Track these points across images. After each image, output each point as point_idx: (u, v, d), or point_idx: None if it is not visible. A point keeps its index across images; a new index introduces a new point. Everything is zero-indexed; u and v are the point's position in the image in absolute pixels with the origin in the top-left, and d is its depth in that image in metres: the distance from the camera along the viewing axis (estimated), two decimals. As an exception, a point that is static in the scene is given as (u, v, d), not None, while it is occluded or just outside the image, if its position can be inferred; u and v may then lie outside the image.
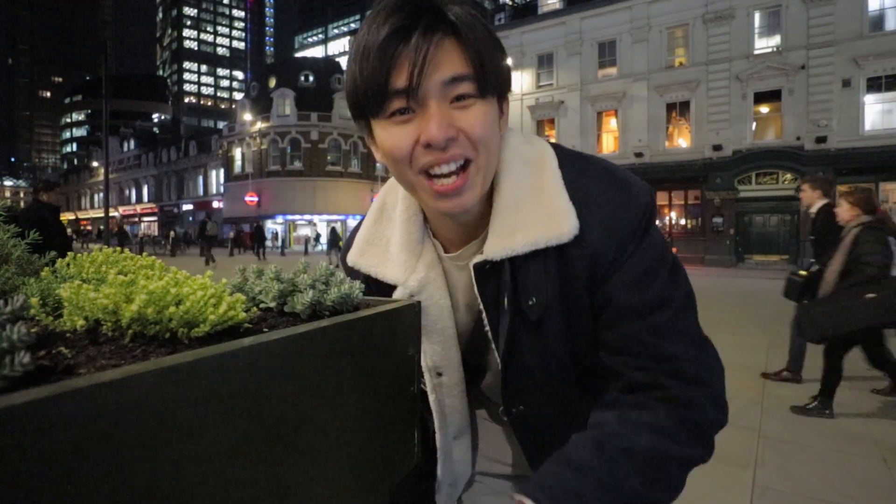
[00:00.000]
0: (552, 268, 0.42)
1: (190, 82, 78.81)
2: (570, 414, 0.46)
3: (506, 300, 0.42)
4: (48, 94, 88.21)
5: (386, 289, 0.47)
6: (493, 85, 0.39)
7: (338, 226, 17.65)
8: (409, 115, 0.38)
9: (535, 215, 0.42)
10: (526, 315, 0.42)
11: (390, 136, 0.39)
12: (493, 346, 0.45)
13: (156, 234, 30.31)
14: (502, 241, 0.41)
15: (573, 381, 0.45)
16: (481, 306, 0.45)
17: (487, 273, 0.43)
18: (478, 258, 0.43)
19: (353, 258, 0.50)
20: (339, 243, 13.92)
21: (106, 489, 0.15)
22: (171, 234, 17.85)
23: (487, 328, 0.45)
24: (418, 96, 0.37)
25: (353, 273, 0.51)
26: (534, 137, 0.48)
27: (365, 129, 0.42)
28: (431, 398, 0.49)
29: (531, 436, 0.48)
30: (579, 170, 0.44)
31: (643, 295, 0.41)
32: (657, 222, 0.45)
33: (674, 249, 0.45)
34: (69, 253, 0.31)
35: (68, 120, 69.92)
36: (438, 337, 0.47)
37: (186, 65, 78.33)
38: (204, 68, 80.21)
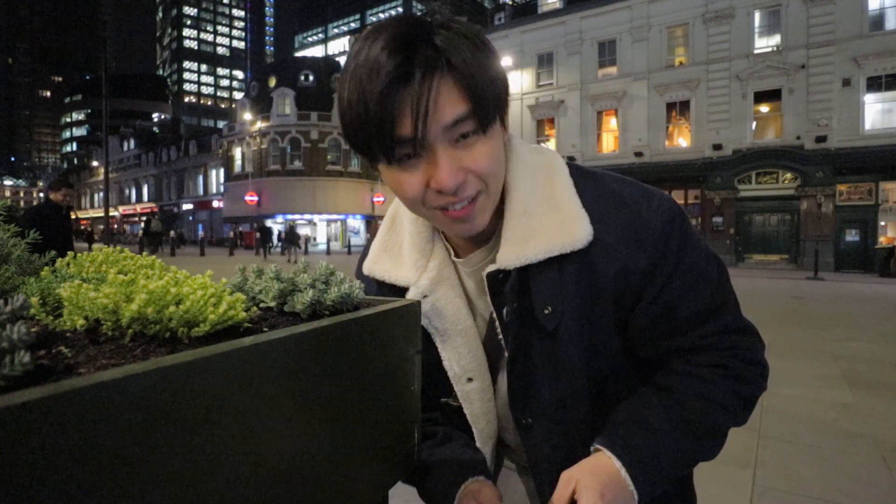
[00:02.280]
0: (572, 275, 0.41)
1: (190, 82, 78.76)
2: (577, 433, 0.44)
3: (514, 308, 0.42)
4: (48, 93, 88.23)
5: (400, 293, 0.46)
6: (493, 114, 0.38)
7: (295, 224, 17.40)
8: (416, 160, 0.38)
9: (548, 222, 0.41)
10: (540, 324, 0.41)
11: (399, 182, 0.39)
12: (506, 354, 0.44)
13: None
14: (515, 250, 0.41)
15: (584, 391, 0.44)
16: (494, 315, 0.44)
17: (500, 282, 0.42)
18: (491, 267, 0.42)
19: (368, 266, 0.50)
20: (297, 241, 13.52)
21: (106, 488, 0.15)
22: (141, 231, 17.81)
23: (501, 337, 0.44)
24: (425, 144, 0.36)
25: (367, 281, 0.50)
26: (542, 147, 0.48)
27: (370, 164, 0.41)
28: (468, 411, 0.46)
29: (540, 454, 0.45)
30: (594, 181, 0.44)
31: (698, 301, 0.42)
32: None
33: None
34: (69, 252, 0.31)
35: (68, 119, 69.97)
36: (462, 339, 0.45)
37: (186, 64, 78.29)
38: (204, 68, 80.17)
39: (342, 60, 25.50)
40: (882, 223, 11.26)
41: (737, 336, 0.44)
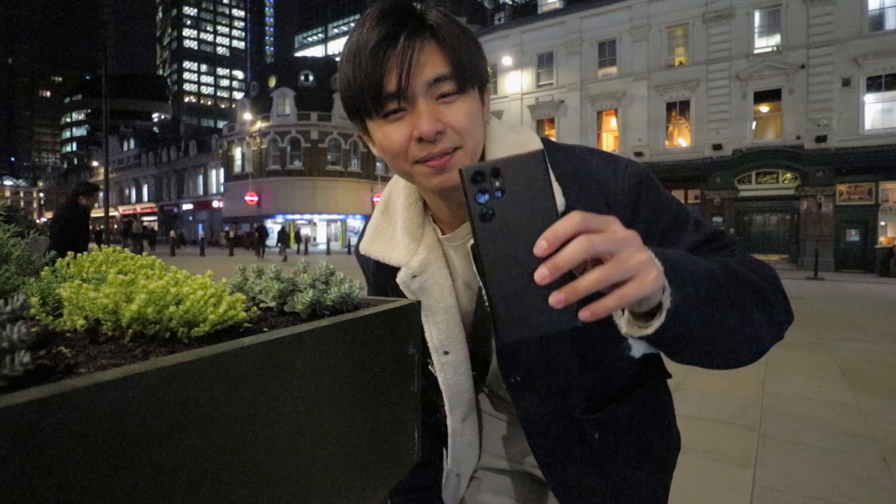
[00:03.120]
0: None
1: (190, 82, 78.72)
2: (567, 385, 0.48)
3: None
4: (48, 93, 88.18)
5: (393, 272, 0.51)
6: (471, 79, 0.43)
7: (288, 226, 17.67)
8: (401, 114, 0.42)
9: None
10: None
11: (386, 135, 0.43)
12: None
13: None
14: None
15: (570, 351, 0.47)
16: (480, 283, 0.47)
17: None
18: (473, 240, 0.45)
19: (364, 246, 0.54)
20: (288, 241, 14.21)
21: (106, 488, 0.15)
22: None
23: (488, 305, 0.45)
24: (408, 96, 0.41)
25: (364, 260, 0.56)
26: (520, 127, 0.51)
27: (360, 127, 0.46)
28: (441, 379, 0.51)
29: (530, 407, 0.49)
30: (564, 152, 0.48)
31: (687, 239, 0.44)
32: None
33: None
34: (69, 253, 0.31)
35: (68, 119, 69.91)
36: (443, 315, 0.49)
37: (186, 64, 78.25)
38: (204, 68, 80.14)
39: (342, 60, 25.87)
40: (882, 223, 11.26)
41: (748, 255, 0.45)
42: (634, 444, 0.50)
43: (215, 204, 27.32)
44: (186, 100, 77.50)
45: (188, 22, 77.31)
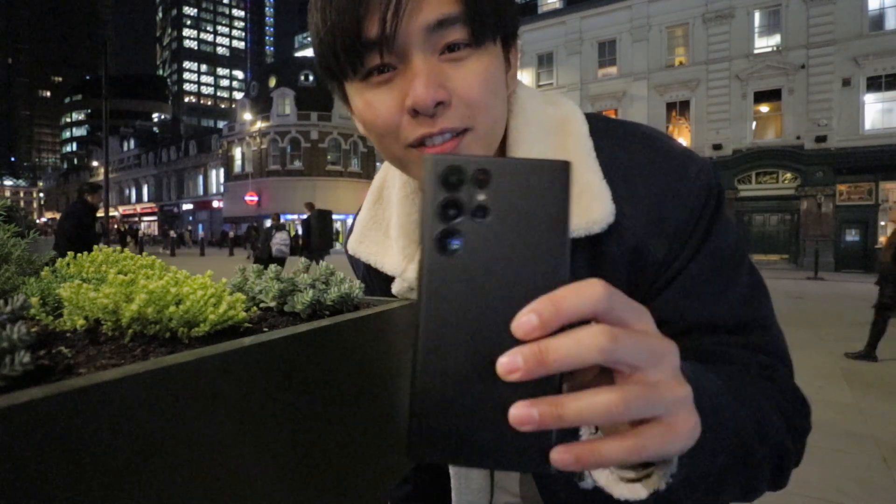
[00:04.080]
0: (584, 263, 0.33)
1: (190, 82, 78.77)
2: None
3: None
4: (48, 93, 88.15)
5: (387, 280, 0.41)
6: (493, 27, 0.30)
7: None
8: (389, 74, 0.29)
9: None
10: None
11: (367, 104, 0.30)
12: None
13: (155, 233, 30.42)
14: None
15: None
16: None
17: None
18: None
19: (353, 246, 0.43)
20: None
21: (105, 488, 0.15)
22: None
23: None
24: (396, 47, 0.28)
25: (354, 262, 0.46)
26: (558, 97, 0.38)
27: (338, 93, 0.33)
28: None
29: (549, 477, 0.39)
30: (618, 139, 0.34)
31: (719, 307, 0.31)
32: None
33: None
34: (69, 253, 0.31)
35: (68, 119, 70.06)
36: None
37: (186, 64, 78.32)
38: (204, 68, 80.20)
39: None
40: (882, 223, 11.26)
41: (769, 359, 0.32)
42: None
43: (215, 204, 27.37)
44: (186, 100, 77.52)
45: (188, 22, 77.36)
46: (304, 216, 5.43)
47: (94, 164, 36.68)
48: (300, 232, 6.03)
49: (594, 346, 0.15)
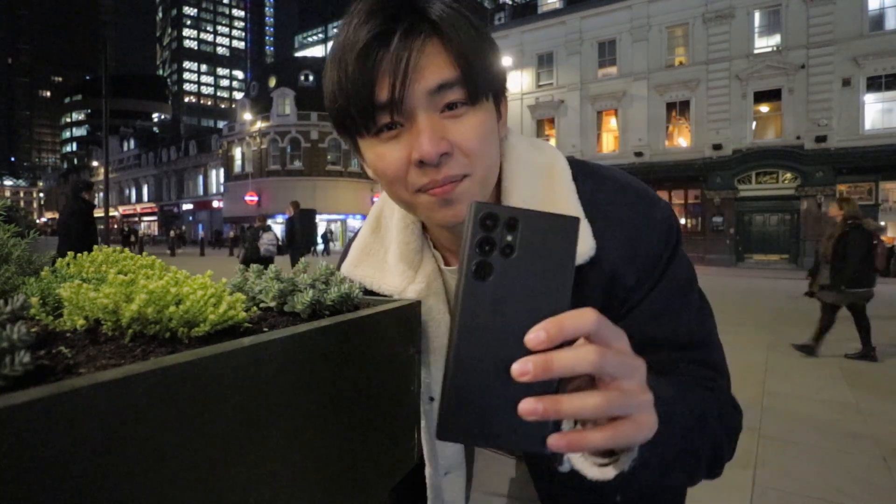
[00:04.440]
0: None
1: (190, 82, 78.70)
2: None
3: None
4: (48, 93, 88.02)
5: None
6: (485, 88, 0.35)
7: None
8: (397, 131, 0.34)
9: None
10: None
11: (379, 156, 0.35)
12: None
13: (155, 233, 30.40)
14: None
15: None
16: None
17: None
18: None
19: (347, 269, 0.46)
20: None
21: (106, 489, 0.15)
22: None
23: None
24: (404, 109, 0.33)
25: None
26: (543, 144, 0.44)
27: (351, 146, 0.39)
28: (422, 426, 0.43)
29: (540, 468, 0.41)
30: (596, 183, 0.40)
31: (676, 326, 0.38)
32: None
33: None
34: (70, 253, 0.31)
35: (68, 119, 69.93)
36: (435, 356, 0.42)
37: (186, 64, 78.24)
38: (204, 68, 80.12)
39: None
40: (882, 223, 11.26)
41: (711, 372, 0.39)
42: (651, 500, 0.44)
43: (215, 204, 27.31)
44: (186, 100, 77.45)
45: (188, 22, 77.27)
46: (288, 216, 5.69)
47: (94, 164, 36.61)
48: (282, 231, 6.33)
49: (587, 360, 0.21)
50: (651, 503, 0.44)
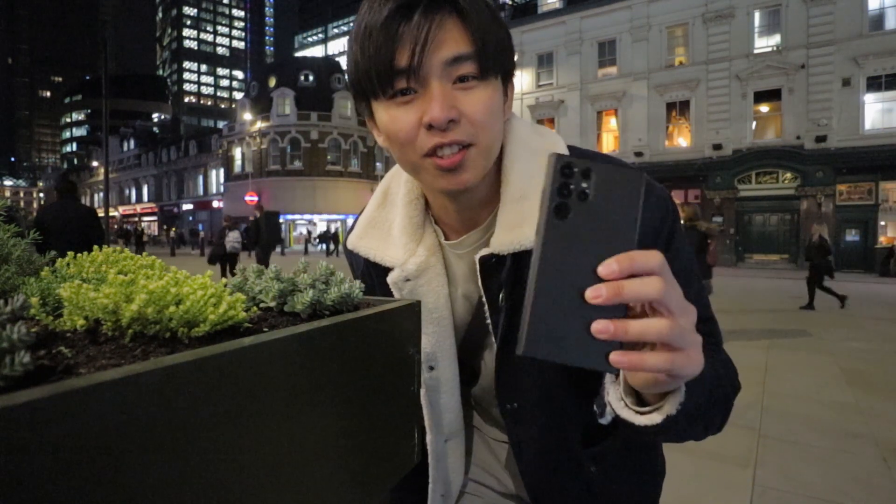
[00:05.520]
0: None
1: (190, 82, 78.46)
2: (567, 417, 0.45)
3: (501, 296, 0.42)
4: (48, 93, 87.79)
5: (384, 274, 0.46)
6: (496, 65, 0.38)
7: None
8: (411, 96, 0.37)
9: None
10: None
11: (393, 118, 0.38)
12: (493, 339, 0.44)
13: (156, 233, 30.33)
14: (510, 235, 0.40)
15: (571, 382, 0.44)
16: (484, 299, 0.43)
17: (493, 266, 0.42)
18: (484, 251, 0.42)
19: (353, 241, 0.49)
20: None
21: (105, 489, 0.15)
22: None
23: (489, 321, 0.43)
24: (420, 76, 0.36)
25: (352, 257, 0.51)
26: (544, 129, 0.47)
27: (366, 111, 0.41)
28: (422, 396, 0.46)
29: (525, 436, 0.46)
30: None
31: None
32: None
33: None
34: (69, 253, 0.31)
35: (68, 119, 69.71)
36: (434, 327, 0.45)
37: (186, 64, 78.04)
38: (204, 68, 79.91)
39: (342, 60, 25.07)
40: (882, 223, 11.26)
41: (715, 343, 0.44)
42: (627, 474, 0.47)
43: (215, 204, 27.24)
44: (186, 100, 77.23)
45: (188, 22, 77.09)
46: (254, 217, 6.56)
47: (94, 164, 36.53)
48: (242, 230, 7.24)
49: (653, 290, 0.24)
50: (623, 471, 0.47)
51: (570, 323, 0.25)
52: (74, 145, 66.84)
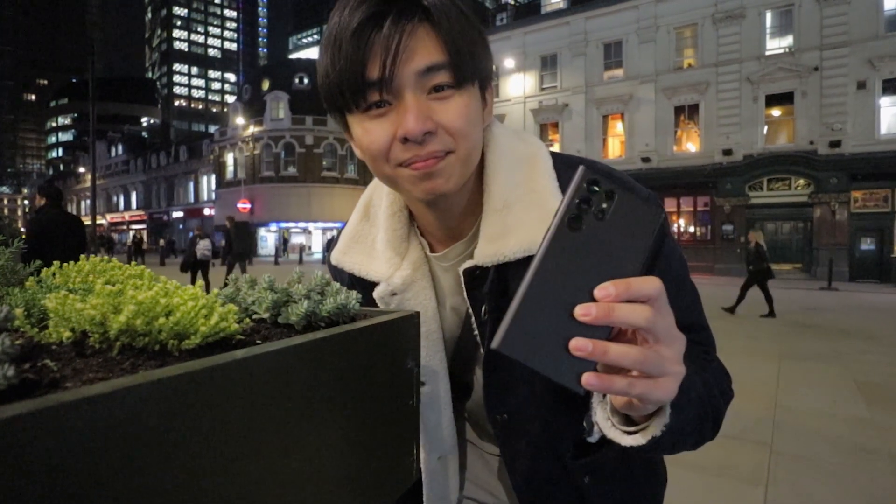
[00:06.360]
0: None
1: (180, 85, 75.43)
2: (557, 428, 0.44)
3: (484, 309, 0.41)
4: (33, 96, 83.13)
5: (371, 288, 0.45)
6: (471, 72, 0.37)
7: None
8: (385, 109, 0.36)
9: (528, 217, 0.40)
10: None
11: (366, 131, 0.37)
12: (482, 351, 0.43)
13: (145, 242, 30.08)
14: (493, 246, 0.40)
15: (557, 391, 0.43)
16: (471, 311, 0.43)
17: (478, 279, 0.42)
18: (468, 263, 0.42)
19: (337, 257, 0.48)
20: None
21: None
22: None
23: (476, 333, 0.43)
24: (393, 87, 0.35)
25: (337, 272, 0.50)
26: (527, 135, 0.46)
27: (341, 124, 0.41)
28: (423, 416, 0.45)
29: (516, 448, 0.45)
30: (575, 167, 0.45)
31: (676, 311, 0.41)
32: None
33: None
34: (55, 262, 0.30)
35: (54, 124, 66.18)
36: (423, 341, 0.44)
37: (176, 66, 75.18)
38: (194, 70, 76.93)
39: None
40: (896, 230, 11.01)
41: (707, 351, 0.44)
42: (624, 485, 0.46)
43: (207, 211, 26.03)
44: (176, 103, 74.49)
45: (178, 23, 74.24)
46: (225, 228, 7.18)
47: (81, 170, 35.87)
48: (215, 240, 7.51)
49: (642, 317, 0.24)
50: (619, 481, 0.46)
51: (551, 333, 0.24)
52: (60, 150, 63.90)
